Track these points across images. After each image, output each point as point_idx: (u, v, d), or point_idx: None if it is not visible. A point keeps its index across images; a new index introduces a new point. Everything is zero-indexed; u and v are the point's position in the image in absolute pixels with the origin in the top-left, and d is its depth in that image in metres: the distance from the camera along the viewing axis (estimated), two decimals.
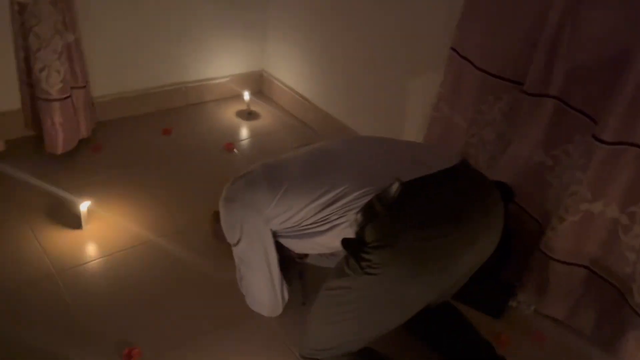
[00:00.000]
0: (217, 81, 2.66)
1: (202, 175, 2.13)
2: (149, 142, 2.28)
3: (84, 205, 1.73)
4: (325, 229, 1.28)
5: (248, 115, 2.61)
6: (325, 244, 1.34)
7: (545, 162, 1.66)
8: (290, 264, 1.61)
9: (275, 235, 1.41)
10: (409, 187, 1.18)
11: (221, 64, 2.63)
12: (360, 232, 1.20)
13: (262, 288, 1.49)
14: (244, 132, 2.49)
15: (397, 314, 1.26)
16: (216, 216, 1.79)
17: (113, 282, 1.59)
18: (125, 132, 2.31)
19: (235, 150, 2.33)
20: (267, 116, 2.64)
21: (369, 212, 1.19)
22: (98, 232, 1.76)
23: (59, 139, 2.01)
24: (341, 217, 1.24)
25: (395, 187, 1.17)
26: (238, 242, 1.44)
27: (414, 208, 1.19)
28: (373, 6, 2.13)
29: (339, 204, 1.24)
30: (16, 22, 1.88)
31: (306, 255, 1.71)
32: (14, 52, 1.97)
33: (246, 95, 2.60)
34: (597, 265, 1.57)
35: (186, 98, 2.59)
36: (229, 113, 2.61)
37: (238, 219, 1.40)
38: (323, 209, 1.26)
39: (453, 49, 1.76)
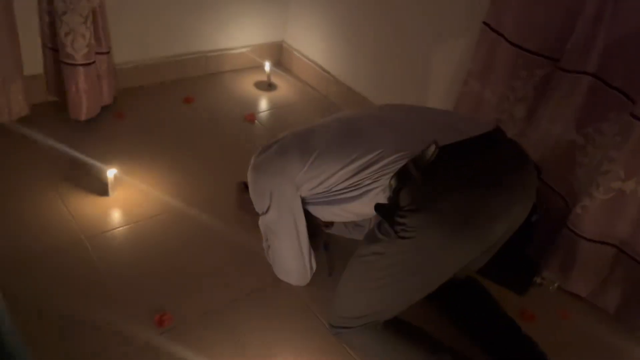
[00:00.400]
0: (237, 51, 2.63)
1: (225, 146, 2.12)
2: (171, 110, 2.26)
3: (111, 173, 1.73)
4: (357, 194, 1.28)
5: (268, 86, 2.59)
6: (355, 210, 1.34)
7: (576, 141, 1.65)
8: (317, 233, 1.61)
9: (303, 202, 1.41)
10: (445, 151, 1.17)
11: (242, 33, 2.60)
12: (394, 197, 1.20)
13: (291, 256, 1.49)
14: (264, 104, 2.47)
15: (429, 281, 1.26)
16: (241, 187, 1.80)
17: (142, 249, 1.60)
18: (146, 99, 2.30)
19: (256, 121, 2.31)
20: (287, 88, 2.61)
21: (404, 175, 1.18)
22: (124, 199, 1.76)
23: (83, 105, 1.99)
24: (374, 181, 1.24)
25: (431, 150, 1.17)
26: (267, 210, 1.44)
27: (450, 172, 1.18)
28: None
29: (372, 169, 1.23)
30: None
31: (331, 224, 1.71)
32: (38, 15, 1.94)
33: (267, 66, 2.57)
34: (627, 245, 1.57)
35: (206, 67, 2.56)
36: (248, 83, 2.58)
37: (268, 187, 1.40)
38: (356, 173, 1.26)
39: (485, 23, 1.74)
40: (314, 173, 1.32)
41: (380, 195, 1.23)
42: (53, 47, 1.96)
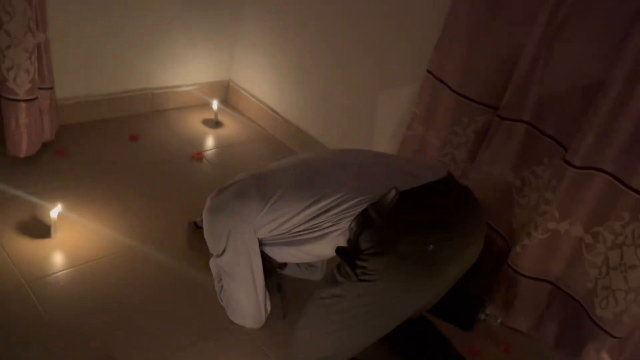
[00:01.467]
0: (184, 89, 2.62)
1: (173, 184, 2.09)
2: (116, 148, 2.21)
3: (54, 212, 1.66)
4: (316, 235, 1.31)
5: (215, 124, 2.59)
6: (313, 252, 1.36)
7: (514, 183, 1.76)
8: (270, 275, 1.62)
9: (259, 244, 1.41)
10: (403, 196, 1.23)
11: (188, 71, 2.60)
12: (354, 240, 1.23)
13: (245, 299, 1.49)
14: (212, 142, 2.46)
15: (388, 321, 1.30)
16: (192, 226, 1.79)
17: (88, 293, 1.53)
18: (90, 136, 2.24)
19: (204, 159, 2.31)
20: (234, 126, 2.63)
21: (364, 220, 1.22)
22: (68, 241, 1.69)
23: (23, 142, 1.91)
24: (334, 224, 1.27)
25: (391, 195, 1.22)
26: (223, 252, 1.43)
27: (409, 216, 1.24)
28: (347, 22, 2.18)
29: (333, 212, 1.27)
30: None
31: (285, 265, 1.72)
32: None
33: (214, 104, 2.58)
34: (561, 281, 1.68)
35: (152, 104, 2.53)
36: (195, 121, 2.58)
37: (225, 229, 1.40)
38: (316, 215, 1.29)
39: (429, 72, 1.84)
40: (273, 215, 1.33)
41: (340, 237, 1.27)
42: None
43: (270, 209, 1.33)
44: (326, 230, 1.28)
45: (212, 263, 1.64)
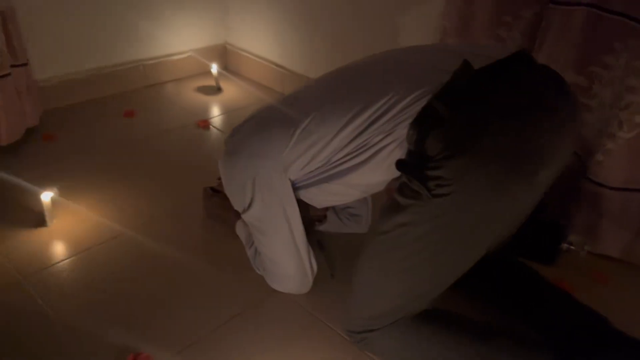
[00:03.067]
0: (177, 57, 2.36)
1: (180, 155, 1.83)
2: (110, 127, 1.96)
3: (46, 196, 1.41)
4: (364, 158, 1.03)
5: (217, 90, 2.32)
6: (364, 180, 1.08)
7: (578, 83, 1.47)
8: (308, 231, 1.34)
9: (292, 187, 1.14)
10: (475, 77, 0.94)
11: (180, 38, 2.33)
12: (417, 149, 0.95)
13: (285, 258, 1.21)
14: (216, 109, 2.20)
15: (473, 249, 1.00)
16: (208, 192, 1.52)
17: (94, 283, 1.28)
18: (80, 118, 1.98)
19: (211, 126, 2.04)
20: (237, 90, 2.36)
21: (427, 117, 0.93)
22: (66, 228, 1.44)
23: (2, 127, 1.66)
24: (387, 135, 0.99)
25: (461, 70, 0.93)
26: (250, 204, 1.16)
27: (487, 102, 0.94)
28: None
29: (383, 120, 0.98)
30: None
31: (324, 218, 1.45)
32: None
33: (214, 69, 2.31)
34: None
35: (144, 78, 2.27)
36: (193, 90, 2.31)
37: (247, 174, 1.13)
38: (361, 132, 1.00)
39: None
40: (304, 145, 1.06)
41: (396, 152, 0.99)
42: None
43: (300, 138, 1.06)
44: (377, 147, 1.00)
45: (240, 227, 1.38)
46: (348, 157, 1.03)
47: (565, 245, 1.49)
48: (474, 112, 0.93)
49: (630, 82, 1.31)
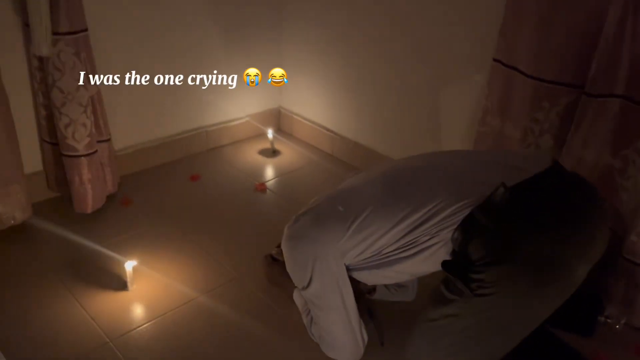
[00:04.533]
0: (236, 122, 2.57)
1: (241, 219, 2.01)
2: (178, 190, 2.17)
3: (129, 265, 1.60)
4: (412, 253, 1.17)
5: (272, 153, 2.51)
6: (410, 271, 1.23)
7: (614, 165, 1.57)
8: (359, 301, 1.49)
9: (347, 269, 1.29)
10: (513, 192, 1.08)
11: (238, 104, 2.55)
12: (461, 251, 1.09)
13: (339, 330, 1.36)
14: (272, 171, 2.38)
15: (512, 338, 1.14)
16: (269, 260, 1.69)
17: (174, 345, 1.45)
18: (151, 182, 2.20)
19: (267, 189, 2.22)
20: (291, 152, 2.54)
21: (470, 226, 1.08)
22: (144, 292, 1.62)
23: (89, 197, 1.89)
24: (432, 237, 1.13)
25: (500, 192, 1.07)
26: (309, 283, 1.31)
27: (523, 214, 1.08)
28: (392, 22, 2.07)
29: (430, 224, 1.13)
30: (35, 79, 1.79)
31: (374, 290, 1.59)
32: (34, 110, 1.87)
33: (270, 133, 2.51)
34: None
35: (207, 142, 2.49)
36: (252, 153, 2.51)
37: (309, 258, 1.28)
38: (410, 231, 1.15)
39: (496, 60, 1.70)
40: (359, 238, 1.21)
41: (441, 251, 1.13)
42: (51, 141, 1.87)
43: (355, 231, 1.21)
44: (424, 245, 1.15)
45: (297, 296, 1.53)
46: (398, 251, 1.18)
47: (602, 318, 1.58)
48: (511, 224, 1.06)
49: None
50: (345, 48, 2.28)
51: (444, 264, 1.11)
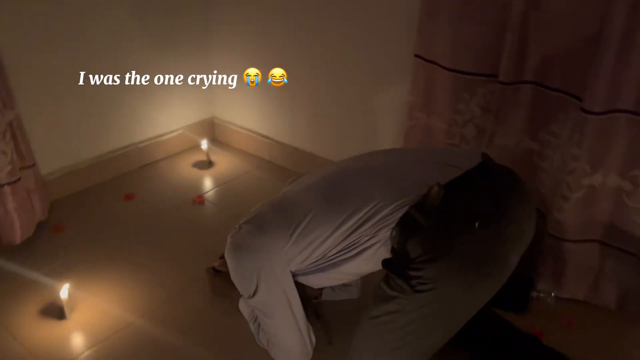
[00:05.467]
0: (168, 136, 2.53)
1: (180, 234, 1.98)
2: (113, 211, 2.11)
3: (64, 291, 1.55)
4: (354, 253, 1.20)
5: (209, 164, 2.49)
6: (353, 270, 1.25)
7: (532, 148, 1.66)
8: (306, 305, 1.50)
9: (293, 275, 1.30)
10: (448, 190, 1.12)
11: (169, 118, 2.51)
12: (400, 249, 1.12)
13: (288, 335, 1.37)
14: (209, 182, 2.36)
15: (452, 328, 1.19)
16: (211, 272, 1.68)
17: None
18: (84, 205, 2.13)
19: (206, 201, 2.20)
20: (228, 162, 2.53)
21: (408, 224, 1.11)
22: (84, 318, 1.57)
23: (16, 227, 1.81)
24: (372, 237, 1.16)
25: (435, 191, 1.11)
26: (255, 292, 1.31)
27: (458, 212, 1.13)
28: (320, 27, 2.10)
29: (368, 224, 1.16)
30: None
31: (320, 295, 1.61)
32: None
33: (204, 144, 2.49)
34: (609, 237, 1.57)
35: (140, 159, 2.44)
36: (187, 166, 2.48)
37: (253, 267, 1.28)
38: (350, 233, 1.18)
39: (417, 56, 1.76)
40: (302, 243, 1.22)
41: (382, 250, 1.16)
42: None
43: (298, 238, 1.22)
44: (365, 245, 1.17)
45: (243, 305, 1.53)
46: (341, 253, 1.21)
47: (534, 294, 1.66)
48: (447, 222, 1.11)
49: (573, 150, 1.50)
50: (274, 54, 2.29)
51: (384, 262, 1.14)
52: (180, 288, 1.70)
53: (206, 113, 2.68)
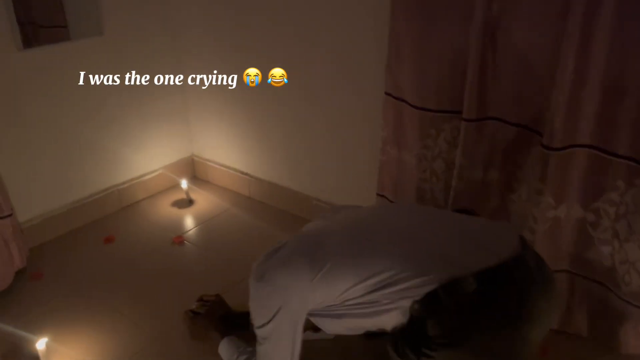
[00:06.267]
0: (148, 176, 2.56)
1: (159, 277, 1.99)
2: (92, 255, 2.12)
3: (41, 343, 1.55)
4: (372, 311, 1.20)
5: (189, 203, 2.51)
6: (368, 326, 1.26)
7: (500, 179, 1.70)
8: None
9: (310, 314, 1.29)
10: (480, 279, 1.12)
11: (149, 158, 2.54)
12: (418, 323, 1.13)
13: None
14: (190, 222, 2.38)
15: None
16: (189, 315, 1.69)
17: None
18: (63, 251, 2.14)
19: (185, 241, 2.22)
20: (208, 200, 2.55)
21: (432, 303, 1.12)
22: None
23: None
24: (392, 302, 1.16)
25: (468, 283, 1.11)
26: (265, 324, 1.29)
27: (485, 305, 1.12)
28: (292, 66, 2.14)
29: (393, 289, 1.16)
30: None
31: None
32: None
33: (183, 184, 2.52)
34: (576, 267, 1.60)
35: (120, 201, 2.45)
36: (167, 206, 2.50)
37: (274, 304, 1.26)
38: (373, 291, 1.17)
39: (387, 93, 1.80)
40: (324, 288, 1.22)
41: (398, 317, 1.17)
42: None
43: (321, 280, 1.21)
44: (384, 307, 1.18)
45: (222, 348, 1.53)
46: (360, 307, 1.20)
47: None
48: (471, 313, 1.11)
49: (536, 184, 1.54)
50: (250, 93, 2.33)
51: (401, 329, 1.15)
52: (159, 332, 1.71)
53: (186, 152, 2.71)
